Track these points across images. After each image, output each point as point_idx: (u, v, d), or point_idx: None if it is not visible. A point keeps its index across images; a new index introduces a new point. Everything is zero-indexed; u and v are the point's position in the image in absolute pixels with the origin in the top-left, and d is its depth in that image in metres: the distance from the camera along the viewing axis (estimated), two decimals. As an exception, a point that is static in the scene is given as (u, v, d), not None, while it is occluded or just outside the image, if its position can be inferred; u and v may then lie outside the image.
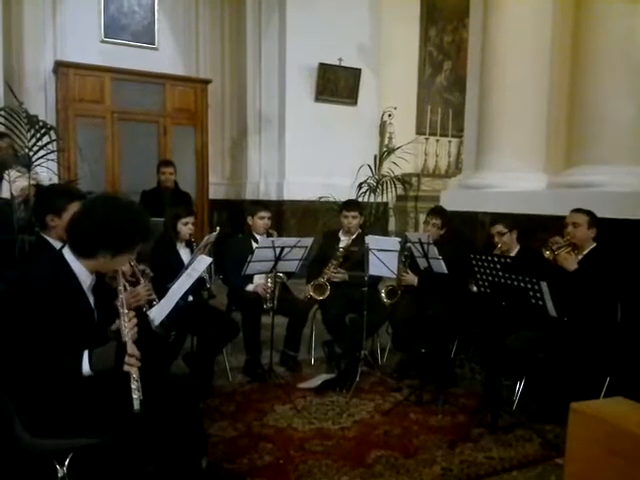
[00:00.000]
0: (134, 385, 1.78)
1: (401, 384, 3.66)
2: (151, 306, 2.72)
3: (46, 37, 6.74)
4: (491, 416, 2.99)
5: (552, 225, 3.53)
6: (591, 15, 4.17)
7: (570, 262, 3.18)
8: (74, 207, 2.36)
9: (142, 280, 2.63)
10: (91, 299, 2.01)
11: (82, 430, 1.87)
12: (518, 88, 4.73)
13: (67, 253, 1.95)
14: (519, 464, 2.67)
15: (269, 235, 3.94)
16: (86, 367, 1.80)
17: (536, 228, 3.89)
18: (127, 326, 1.88)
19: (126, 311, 1.91)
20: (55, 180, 4.78)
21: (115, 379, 1.84)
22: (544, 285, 2.71)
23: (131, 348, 1.83)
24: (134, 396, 1.76)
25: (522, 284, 2.79)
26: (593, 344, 3.05)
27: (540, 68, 4.70)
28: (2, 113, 4.04)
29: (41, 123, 4.04)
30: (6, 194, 4.14)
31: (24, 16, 6.55)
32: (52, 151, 4.20)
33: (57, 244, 2.48)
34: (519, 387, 3.26)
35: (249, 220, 4.05)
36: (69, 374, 1.81)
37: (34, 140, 3.98)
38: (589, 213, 3.29)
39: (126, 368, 1.80)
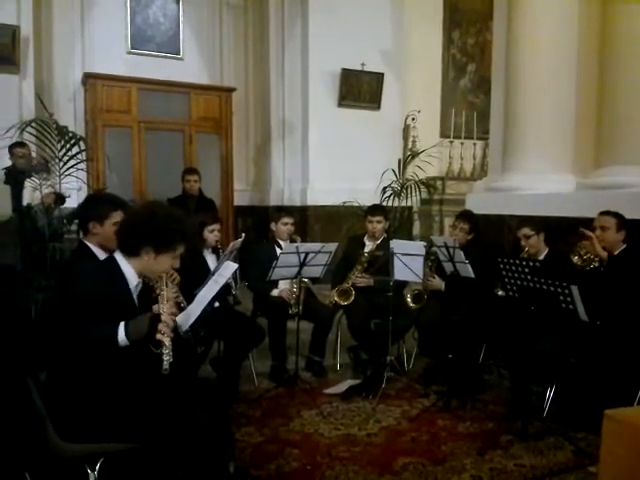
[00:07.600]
0: (166, 350, 1.88)
1: (428, 390, 3.62)
2: (181, 310, 2.75)
3: (75, 50, 6.91)
4: (521, 423, 2.93)
5: (582, 227, 3.46)
6: (619, 13, 4.09)
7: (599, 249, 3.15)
8: (117, 216, 2.42)
9: (169, 284, 2.68)
10: (135, 300, 2.08)
11: (113, 435, 1.90)
12: (544, 89, 4.66)
13: (118, 255, 2.06)
14: (551, 472, 2.61)
15: (293, 241, 3.95)
16: (122, 334, 1.88)
17: (565, 231, 3.82)
18: (165, 308, 1.97)
19: (165, 301, 2.01)
20: (84, 189, 4.89)
21: (146, 384, 1.87)
22: (575, 289, 2.65)
23: (165, 317, 1.93)
24: (164, 359, 1.86)
25: (552, 288, 2.74)
26: (626, 348, 2.97)
27: (566, 68, 4.62)
28: (34, 125, 4.17)
29: (71, 134, 4.16)
30: (29, 202, 4.25)
31: (54, 30, 6.74)
32: (81, 160, 4.31)
33: (98, 250, 2.50)
34: (549, 393, 3.19)
35: (272, 226, 4.08)
36: (106, 342, 1.89)
37: (64, 150, 4.09)
38: (617, 215, 3.22)
39: (158, 336, 1.89)
